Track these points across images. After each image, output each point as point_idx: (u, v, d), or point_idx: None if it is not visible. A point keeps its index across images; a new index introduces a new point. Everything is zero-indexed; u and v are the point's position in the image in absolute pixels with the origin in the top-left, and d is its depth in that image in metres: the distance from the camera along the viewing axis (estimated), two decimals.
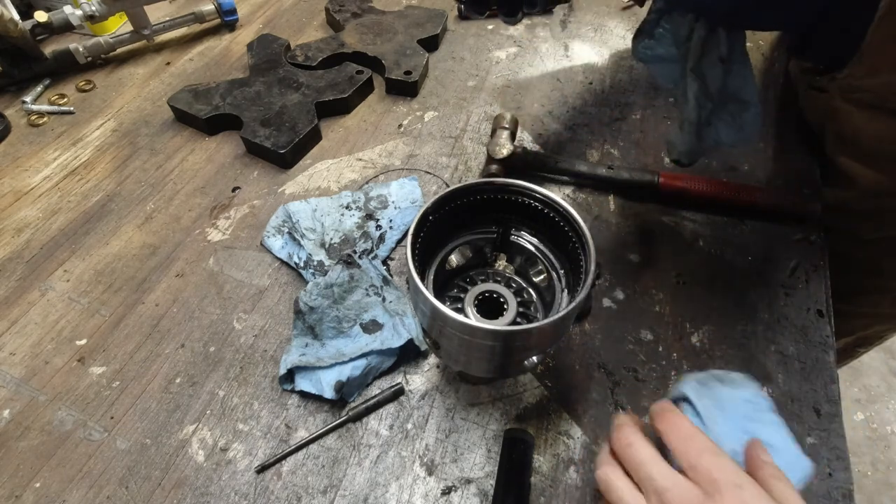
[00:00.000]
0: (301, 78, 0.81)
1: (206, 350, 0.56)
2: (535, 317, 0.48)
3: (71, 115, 0.82)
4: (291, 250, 0.62)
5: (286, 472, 0.48)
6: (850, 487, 0.47)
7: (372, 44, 0.87)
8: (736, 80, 0.50)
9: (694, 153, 0.53)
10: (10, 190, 0.72)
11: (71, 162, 0.75)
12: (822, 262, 0.62)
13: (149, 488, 0.48)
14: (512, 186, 0.45)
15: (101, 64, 0.90)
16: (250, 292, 0.61)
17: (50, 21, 0.82)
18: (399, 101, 0.83)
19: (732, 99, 0.51)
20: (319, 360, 0.52)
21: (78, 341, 0.57)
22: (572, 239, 0.43)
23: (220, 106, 0.77)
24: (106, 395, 0.53)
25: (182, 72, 0.89)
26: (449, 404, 0.52)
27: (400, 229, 0.64)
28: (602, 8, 0.99)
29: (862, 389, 1.61)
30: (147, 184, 0.72)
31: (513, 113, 0.73)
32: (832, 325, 0.57)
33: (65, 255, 0.65)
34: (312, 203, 0.65)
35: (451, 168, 0.73)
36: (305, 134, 0.73)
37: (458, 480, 0.48)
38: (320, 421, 0.51)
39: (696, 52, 0.49)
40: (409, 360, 0.55)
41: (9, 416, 0.52)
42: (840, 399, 0.52)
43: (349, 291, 0.56)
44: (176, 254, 0.64)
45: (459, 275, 0.50)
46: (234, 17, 0.95)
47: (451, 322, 0.38)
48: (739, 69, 0.50)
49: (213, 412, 0.52)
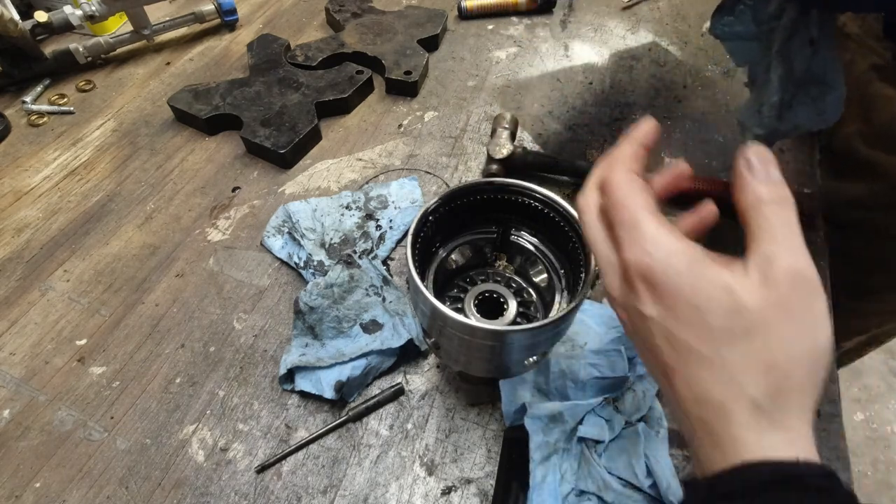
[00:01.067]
0: (301, 78, 0.81)
1: (206, 350, 0.56)
2: (535, 317, 0.48)
3: (71, 115, 0.82)
4: (291, 250, 0.62)
5: (286, 472, 0.48)
6: (850, 488, 0.47)
7: (372, 44, 0.87)
8: (822, 62, 0.48)
9: (773, 135, 0.52)
10: (10, 190, 0.72)
11: (71, 162, 0.75)
12: (822, 262, 0.62)
13: (149, 488, 0.48)
14: (512, 186, 0.45)
15: (101, 64, 0.90)
16: (250, 292, 0.61)
17: (50, 21, 0.82)
18: (399, 101, 0.83)
19: (816, 82, 0.49)
20: (319, 360, 0.52)
21: (78, 341, 0.57)
22: (572, 239, 0.43)
23: (220, 106, 0.77)
24: (106, 395, 0.53)
25: (182, 72, 0.89)
26: (449, 404, 0.52)
27: (400, 229, 0.64)
28: (602, 8, 0.99)
29: (862, 389, 1.61)
30: (147, 184, 0.72)
31: (513, 113, 0.73)
32: (832, 324, 0.57)
33: (65, 255, 0.65)
34: (312, 203, 0.65)
35: (451, 168, 0.73)
36: (305, 134, 0.73)
37: (458, 480, 0.48)
38: (320, 421, 0.51)
39: (784, 34, 0.48)
40: (409, 360, 0.55)
41: (9, 416, 0.52)
42: (840, 399, 0.52)
43: (349, 291, 0.56)
44: (176, 254, 0.64)
45: (459, 275, 0.50)
46: (234, 17, 0.95)
47: (451, 322, 0.38)
48: (827, 51, 0.48)
49: (213, 412, 0.52)
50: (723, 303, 0.25)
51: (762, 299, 0.25)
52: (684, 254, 0.27)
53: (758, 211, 0.27)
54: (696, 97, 0.81)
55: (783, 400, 0.25)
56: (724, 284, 0.25)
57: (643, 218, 0.28)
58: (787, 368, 0.25)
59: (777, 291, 0.25)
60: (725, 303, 0.25)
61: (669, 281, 0.26)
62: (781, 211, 0.26)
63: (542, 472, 0.44)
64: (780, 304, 0.25)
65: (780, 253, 0.25)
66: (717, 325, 0.25)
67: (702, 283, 0.26)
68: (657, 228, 0.27)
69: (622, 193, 0.29)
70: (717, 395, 0.25)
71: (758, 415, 0.25)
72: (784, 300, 0.25)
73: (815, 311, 0.25)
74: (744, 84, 0.62)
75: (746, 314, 0.25)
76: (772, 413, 0.25)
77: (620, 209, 0.29)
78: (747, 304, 0.25)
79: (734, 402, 0.25)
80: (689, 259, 0.26)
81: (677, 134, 0.76)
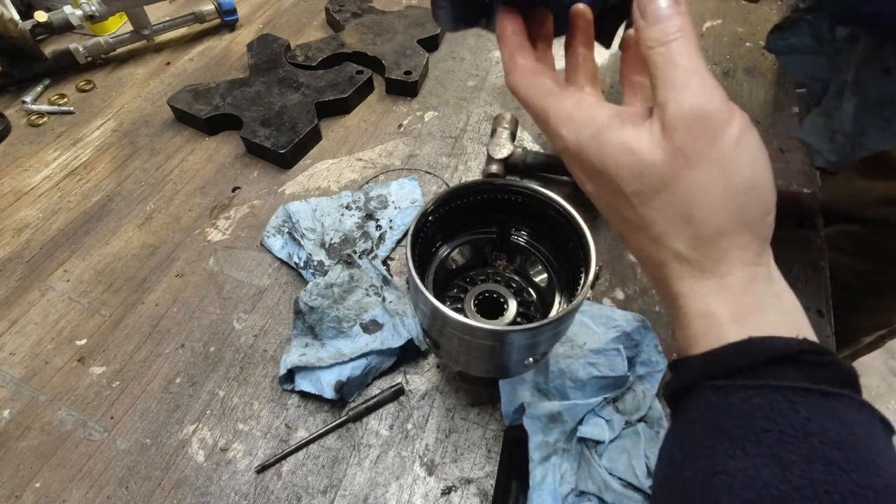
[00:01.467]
0: (301, 78, 0.81)
1: (206, 350, 0.56)
2: (535, 317, 0.48)
3: (71, 115, 0.82)
4: (291, 250, 0.62)
5: (286, 472, 0.48)
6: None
7: (372, 44, 0.87)
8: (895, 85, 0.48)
9: (845, 162, 0.52)
10: (10, 190, 0.72)
11: (71, 162, 0.75)
12: (821, 262, 0.62)
13: (149, 488, 0.48)
14: (512, 186, 0.45)
15: (101, 64, 0.90)
16: (250, 292, 0.61)
17: (50, 21, 0.82)
18: (399, 101, 0.83)
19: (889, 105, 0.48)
20: (319, 360, 0.52)
21: (78, 341, 0.57)
22: (572, 239, 0.43)
23: (220, 106, 0.77)
24: (106, 395, 0.53)
25: (182, 72, 0.89)
26: (449, 404, 0.52)
27: (400, 229, 0.64)
28: None
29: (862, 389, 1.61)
30: (147, 184, 0.72)
31: (513, 113, 0.73)
32: (832, 324, 0.57)
33: (65, 255, 0.65)
34: (312, 203, 0.65)
35: (451, 168, 0.73)
36: (305, 134, 0.73)
37: (458, 480, 0.48)
38: (320, 421, 0.51)
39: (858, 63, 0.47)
40: (409, 360, 0.55)
41: (9, 416, 0.52)
42: None
43: (349, 291, 0.56)
44: (176, 254, 0.64)
45: (459, 275, 0.50)
46: (234, 17, 0.95)
47: (451, 322, 0.38)
48: None
49: (213, 412, 0.52)
50: (628, 165, 0.25)
51: (662, 151, 0.24)
52: (592, 123, 0.26)
53: (649, 58, 0.25)
54: None
55: (707, 247, 0.24)
56: (627, 147, 0.25)
57: (546, 105, 0.28)
58: (703, 216, 0.24)
59: (674, 139, 0.24)
60: (631, 165, 0.25)
61: (583, 156, 0.26)
62: (670, 49, 0.24)
63: (541, 473, 0.44)
64: (680, 150, 0.23)
65: (672, 97, 0.24)
66: (630, 189, 0.25)
67: (608, 150, 0.25)
68: (560, 109, 0.27)
69: (521, 93, 0.29)
70: (654, 254, 0.26)
71: (686, 266, 0.25)
72: (683, 145, 0.23)
73: (721, 148, 0.23)
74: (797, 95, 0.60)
75: (651, 171, 0.24)
76: (701, 262, 0.24)
77: (528, 108, 0.29)
78: (648, 160, 0.24)
79: (666, 258, 0.25)
80: (595, 128, 0.26)
81: None
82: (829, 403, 0.22)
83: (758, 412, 0.22)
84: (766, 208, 0.25)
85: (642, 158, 0.24)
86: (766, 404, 0.22)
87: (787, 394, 0.21)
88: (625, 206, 0.26)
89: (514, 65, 0.30)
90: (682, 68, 0.24)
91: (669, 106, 0.24)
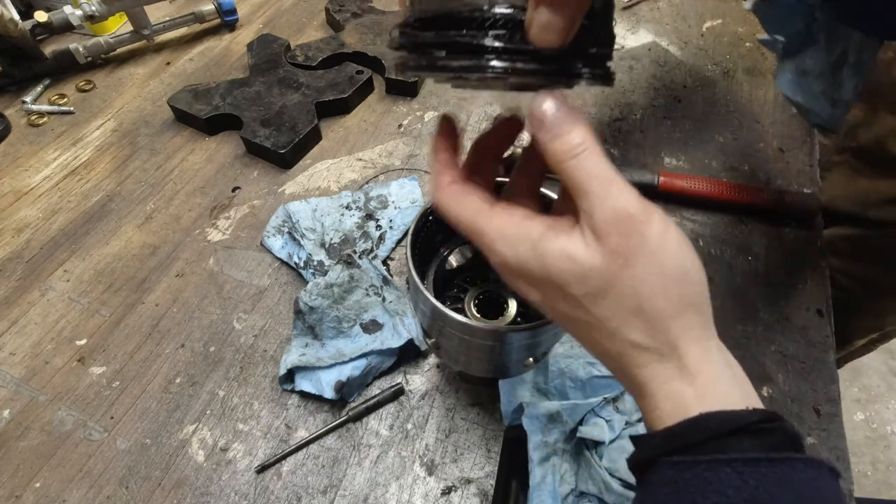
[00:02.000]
0: (301, 78, 0.81)
1: (206, 350, 0.56)
2: (535, 317, 0.48)
3: (71, 115, 0.82)
4: (291, 250, 0.62)
5: (286, 472, 0.48)
6: (851, 487, 0.47)
7: (372, 44, 0.87)
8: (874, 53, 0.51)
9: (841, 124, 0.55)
10: (10, 190, 0.72)
11: (71, 162, 0.75)
12: (822, 262, 0.62)
13: (149, 488, 0.48)
14: None
15: (101, 64, 0.90)
16: (250, 292, 0.61)
17: (50, 21, 0.82)
18: (399, 101, 0.83)
19: None
20: (319, 360, 0.52)
21: (78, 341, 0.57)
22: None
23: (220, 106, 0.77)
24: (106, 395, 0.53)
25: (182, 72, 0.89)
26: (449, 404, 0.52)
27: (400, 229, 0.64)
28: None
29: (862, 389, 1.61)
30: (147, 184, 0.72)
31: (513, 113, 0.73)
32: (832, 324, 0.57)
33: (65, 255, 0.65)
34: (312, 203, 0.65)
35: None
36: (305, 134, 0.73)
37: (458, 480, 0.48)
38: (320, 421, 0.51)
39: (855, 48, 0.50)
40: (409, 360, 0.55)
41: (9, 416, 0.52)
42: (840, 399, 0.52)
43: (349, 291, 0.56)
44: (176, 254, 0.64)
45: (459, 275, 0.50)
46: (234, 17, 0.95)
47: (451, 322, 0.38)
48: None
49: (213, 412, 0.52)
50: (571, 272, 0.26)
51: (599, 254, 0.25)
52: (528, 238, 0.27)
53: (561, 171, 0.26)
54: (696, 97, 0.81)
55: (661, 332, 0.26)
56: (566, 255, 0.26)
57: (478, 224, 0.29)
58: (651, 305, 0.26)
59: (607, 242, 0.25)
60: (573, 271, 0.26)
61: (525, 268, 0.27)
62: (581, 162, 0.26)
63: (541, 473, 0.44)
64: (616, 252, 0.25)
65: (595, 204, 0.25)
66: (577, 292, 0.26)
67: (549, 260, 0.26)
68: (492, 227, 0.28)
69: (452, 213, 0.30)
70: (611, 347, 0.27)
71: (646, 354, 0.26)
72: (618, 248, 0.25)
73: (651, 243, 0.25)
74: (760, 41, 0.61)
75: (593, 274, 0.26)
76: (658, 348, 0.26)
77: (458, 226, 0.30)
78: (589, 264, 0.26)
79: (623, 349, 0.27)
80: (532, 242, 0.27)
81: (677, 134, 0.76)
82: (775, 469, 0.23)
83: (709, 486, 0.23)
84: (701, 287, 0.27)
85: (583, 264, 0.26)
86: (716, 479, 0.23)
87: (737, 465, 0.23)
88: (576, 308, 0.27)
89: (441, 183, 0.30)
90: (598, 179, 0.25)
91: (596, 214, 0.25)
